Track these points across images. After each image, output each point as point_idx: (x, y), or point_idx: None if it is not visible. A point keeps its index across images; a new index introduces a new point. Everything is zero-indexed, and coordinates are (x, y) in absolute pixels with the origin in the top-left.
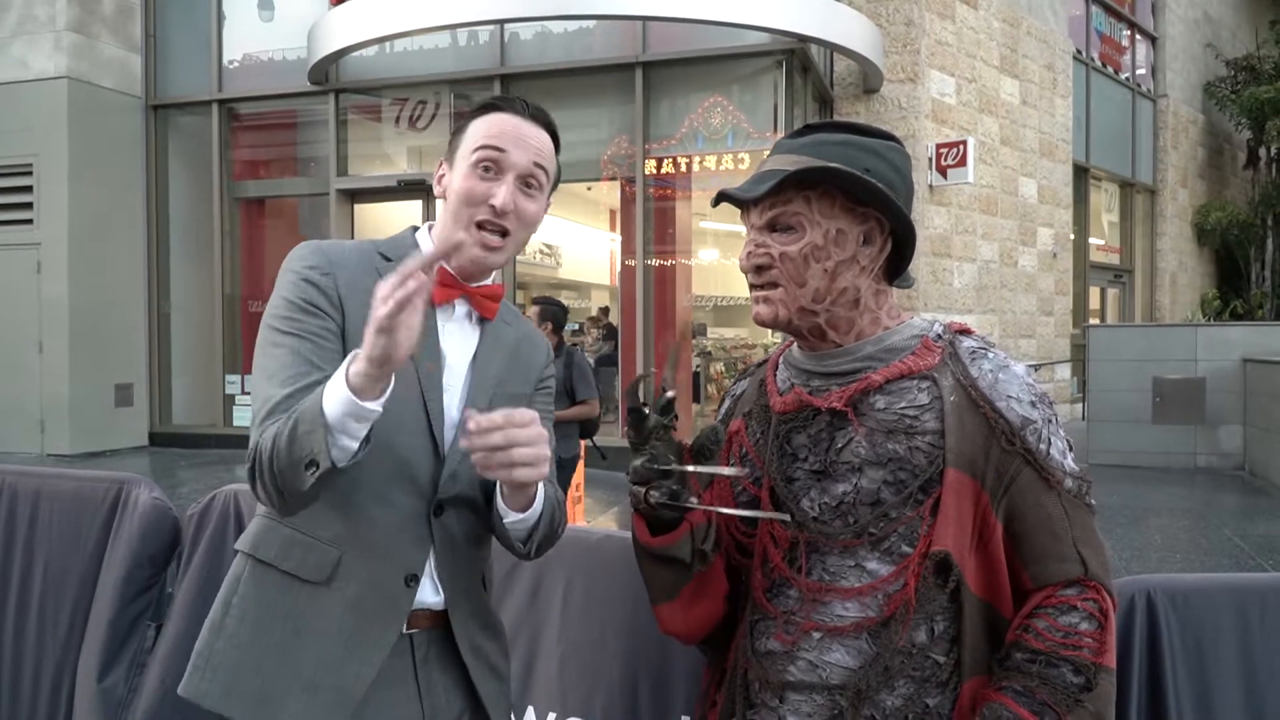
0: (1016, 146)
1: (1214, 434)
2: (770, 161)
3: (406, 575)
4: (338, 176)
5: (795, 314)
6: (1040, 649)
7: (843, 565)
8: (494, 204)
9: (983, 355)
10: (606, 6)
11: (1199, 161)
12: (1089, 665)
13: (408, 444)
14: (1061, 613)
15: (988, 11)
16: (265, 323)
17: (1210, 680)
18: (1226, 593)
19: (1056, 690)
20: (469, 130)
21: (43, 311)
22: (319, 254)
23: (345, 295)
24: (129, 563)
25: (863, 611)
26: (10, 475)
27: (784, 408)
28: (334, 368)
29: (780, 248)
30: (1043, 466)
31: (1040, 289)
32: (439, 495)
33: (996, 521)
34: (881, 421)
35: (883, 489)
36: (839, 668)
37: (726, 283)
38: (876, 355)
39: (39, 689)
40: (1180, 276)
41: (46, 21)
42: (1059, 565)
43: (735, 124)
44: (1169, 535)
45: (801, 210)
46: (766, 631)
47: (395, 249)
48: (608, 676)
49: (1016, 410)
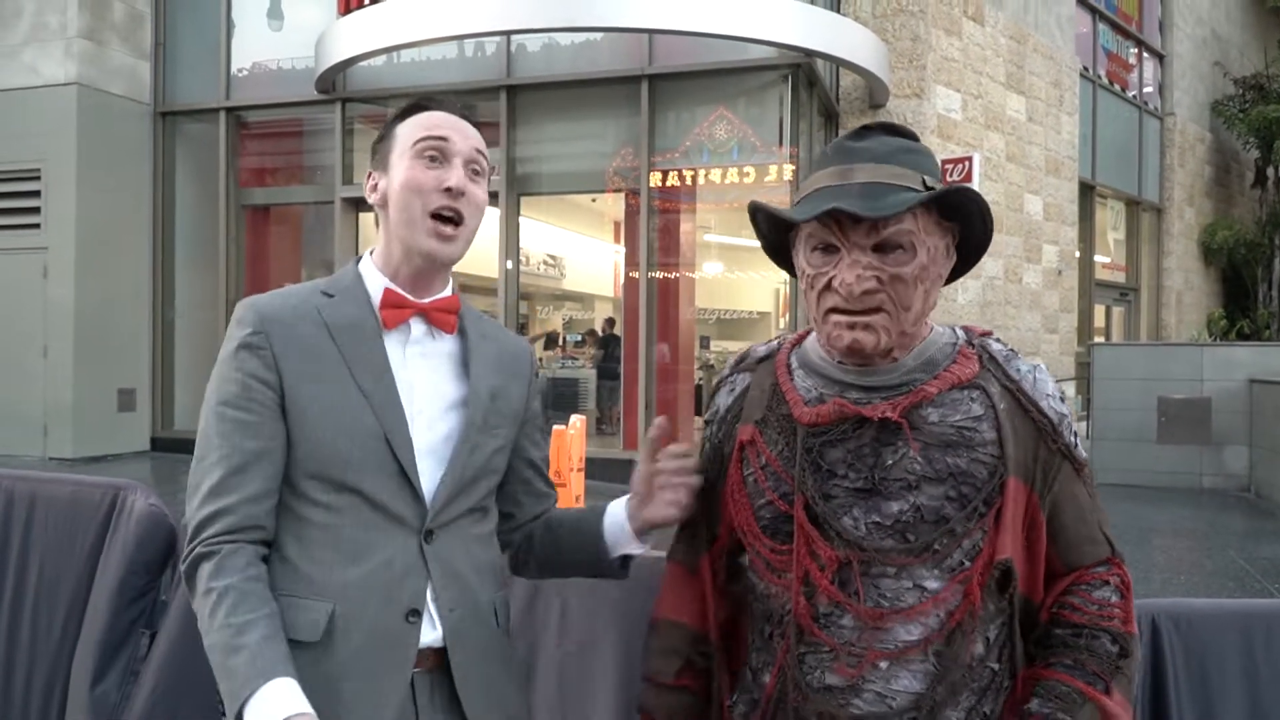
0: (1022, 163)
1: (1219, 455)
2: (864, 172)
3: (407, 611)
4: (343, 185)
5: (895, 339)
6: (1082, 623)
7: (899, 587)
8: (449, 185)
9: (1014, 357)
10: (613, 19)
11: (1206, 180)
12: (1122, 634)
13: (375, 484)
14: (1095, 588)
15: (994, 28)
16: (209, 387)
17: (1214, 705)
18: (1231, 617)
19: (1102, 659)
20: (399, 132)
21: (48, 315)
22: (253, 314)
23: (280, 353)
24: (124, 569)
25: (925, 631)
26: (6, 479)
27: (817, 420)
28: (269, 433)
29: (892, 270)
30: (1075, 458)
31: (1045, 306)
32: (427, 524)
33: (1042, 518)
34: (938, 435)
35: (945, 505)
36: (906, 694)
37: (730, 296)
38: (920, 368)
39: (30, 695)
40: (1186, 295)
41: (58, 29)
42: (1092, 548)
43: (741, 137)
44: (1173, 556)
45: (913, 229)
46: (821, 664)
47: (336, 283)
48: (606, 687)
49: (1055, 408)
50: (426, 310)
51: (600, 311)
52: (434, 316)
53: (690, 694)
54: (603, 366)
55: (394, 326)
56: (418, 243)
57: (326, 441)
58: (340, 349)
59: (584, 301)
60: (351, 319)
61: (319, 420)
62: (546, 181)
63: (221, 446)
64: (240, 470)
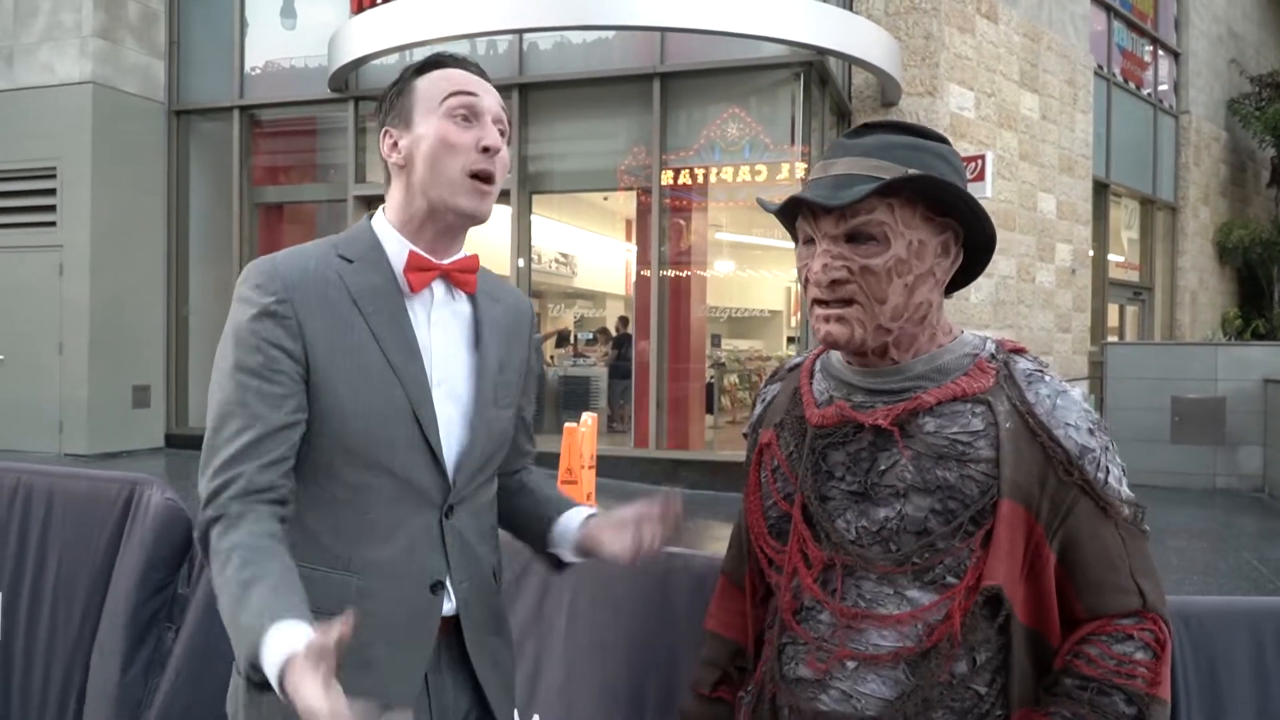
0: (1036, 162)
1: (1234, 455)
2: (842, 165)
3: (432, 584)
4: (356, 183)
5: (871, 334)
6: (1093, 675)
7: (880, 592)
8: (487, 144)
9: (1039, 379)
10: (625, 17)
11: (1221, 179)
12: (1143, 695)
13: (404, 461)
14: (1117, 641)
15: (1008, 26)
16: (220, 351)
17: (1223, 704)
18: (1240, 616)
19: (1108, 719)
20: (419, 87)
21: (63, 313)
22: (275, 280)
23: (305, 321)
24: (142, 564)
25: (901, 641)
26: (25, 474)
27: (822, 421)
28: (293, 406)
29: (862, 260)
30: (1100, 496)
31: (1058, 305)
32: (449, 500)
33: (1051, 553)
34: (931, 446)
35: (930, 518)
36: (874, 699)
37: (742, 294)
38: (928, 374)
39: (49, 687)
40: (1201, 295)
41: (73, 27)
42: (1117, 597)
43: (752, 136)
44: (1186, 557)
45: (886, 219)
46: (796, 656)
47: (353, 246)
48: (614, 685)
49: (1075, 439)
50: (449, 271)
51: (612, 310)
52: (455, 278)
53: (727, 706)
54: (615, 365)
55: (419, 290)
56: (456, 202)
57: (357, 417)
58: (366, 319)
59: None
60: (375, 286)
61: (349, 396)
62: (558, 180)
63: (241, 417)
64: (259, 442)
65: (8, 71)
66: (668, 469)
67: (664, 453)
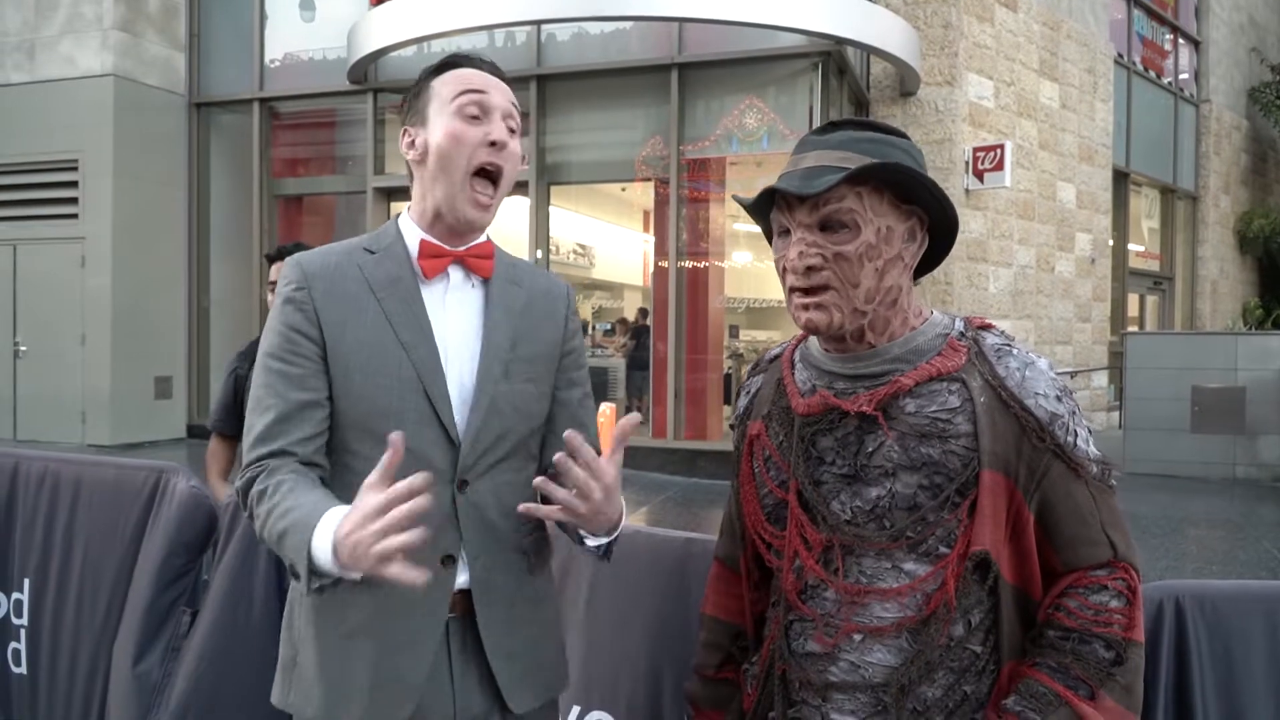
0: (1055, 151)
1: (1254, 444)
2: (812, 158)
3: (444, 557)
4: (375, 175)
5: (848, 317)
6: (1073, 626)
7: (879, 567)
8: (494, 139)
9: (1008, 353)
10: (643, 8)
11: (1242, 168)
12: (1120, 640)
13: (415, 435)
14: (1092, 592)
15: (1027, 14)
16: (263, 339)
17: (1239, 687)
18: (1256, 600)
19: (1089, 665)
20: (434, 87)
21: (85, 304)
22: (297, 270)
23: (321, 306)
24: (166, 549)
25: (902, 611)
26: (53, 463)
27: (808, 410)
28: (314, 385)
29: (835, 247)
30: (1071, 458)
31: (1078, 295)
32: (459, 475)
33: (1030, 514)
34: (913, 425)
35: (919, 493)
36: (881, 666)
37: (760, 285)
38: (903, 357)
39: (75, 673)
40: (1221, 284)
41: (94, 20)
42: (1089, 549)
43: (770, 126)
44: (1206, 546)
45: (855, 207)
46: (804, 633)
47: (378, 240)
48: (632, 670)
49: (1045, 407)
50: (463, 256)
51: (630, 300)
52: (470, 262)
53: (732, 685)
54: (634, 356)
55: (433, 276)
56: (456, 209)
57: (367, 393)
58: (380, 303)
59: (613, 290)
60: (391, 274)
61: (360, 372)
62: (576, 171)
63: (267, 397)
64: (285, 419)
65: (29, 64)
66: (686, 459)
67: (682, 443)
